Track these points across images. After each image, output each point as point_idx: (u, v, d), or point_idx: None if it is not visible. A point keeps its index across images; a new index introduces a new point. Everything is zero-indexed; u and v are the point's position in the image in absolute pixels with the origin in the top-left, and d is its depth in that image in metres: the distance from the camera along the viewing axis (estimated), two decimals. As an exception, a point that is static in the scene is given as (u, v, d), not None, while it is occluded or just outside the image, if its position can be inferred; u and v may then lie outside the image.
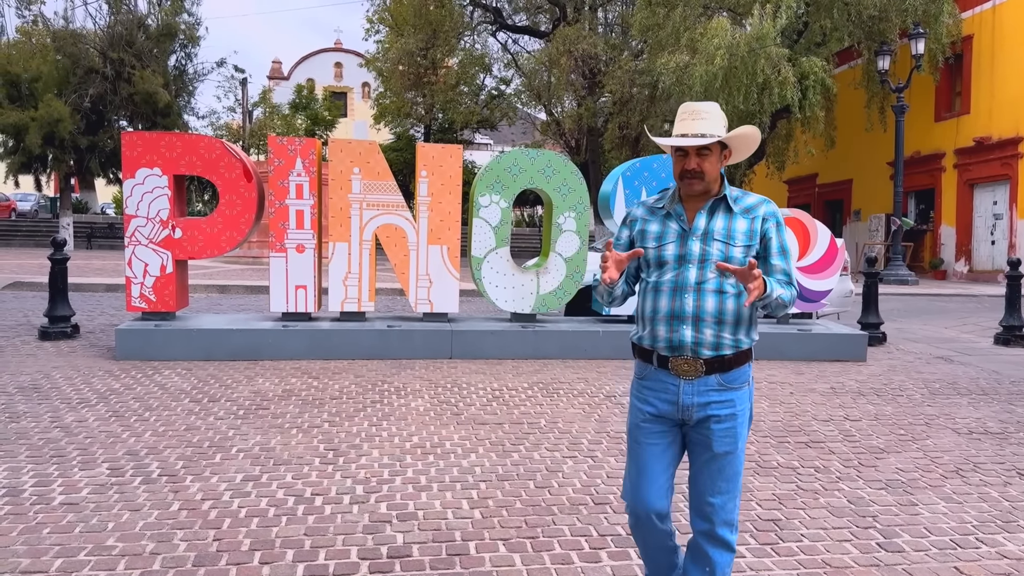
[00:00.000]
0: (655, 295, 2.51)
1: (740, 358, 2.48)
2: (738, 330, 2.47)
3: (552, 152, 8.17)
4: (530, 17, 28.13)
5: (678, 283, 2.46)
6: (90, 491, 3.89)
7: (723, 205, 2.50)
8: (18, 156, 23.68)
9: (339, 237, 7.56)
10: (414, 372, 6.96)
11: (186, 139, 7.45)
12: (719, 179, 2.52)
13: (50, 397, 5.73)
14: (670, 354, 2.47)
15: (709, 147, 2.41)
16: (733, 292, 2.44)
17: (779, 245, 2.50)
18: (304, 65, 53.24)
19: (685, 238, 2.47)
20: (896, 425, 5.60)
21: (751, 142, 2.54)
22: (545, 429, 5.25)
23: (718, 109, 2.47)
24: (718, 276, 2.43)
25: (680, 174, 2.47)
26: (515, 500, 3.92)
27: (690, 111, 2.45)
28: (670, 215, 2.54)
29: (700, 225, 2.47)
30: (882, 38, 19.17)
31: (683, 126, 2.44)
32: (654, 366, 2.52)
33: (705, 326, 2.43)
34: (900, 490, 4.25)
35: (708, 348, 2.43)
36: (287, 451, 4.60)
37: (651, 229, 2.57)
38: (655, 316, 2.49)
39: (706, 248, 2.44)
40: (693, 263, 2.45)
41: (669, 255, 2.49)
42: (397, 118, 31.58)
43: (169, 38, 25.24)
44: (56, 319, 8.12)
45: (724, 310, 2.44)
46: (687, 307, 2.43)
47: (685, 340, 2.43)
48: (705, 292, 2.43)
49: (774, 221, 2.51)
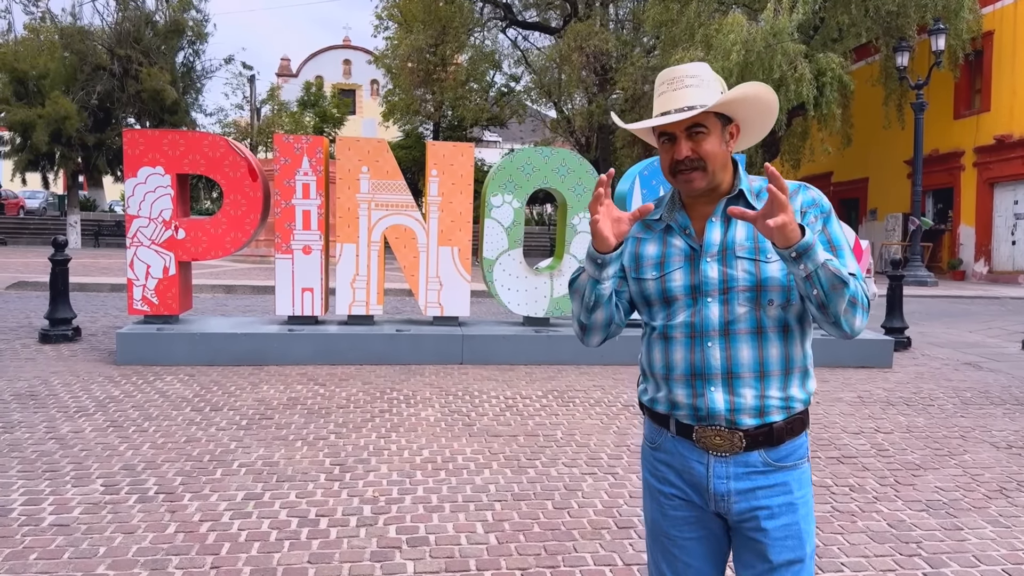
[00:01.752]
0: (666, 346, 1.80)
1: (794, 426, 1.77)
2: (789, 383, 1.75)
3: (566, 150, 7.91)
4: (541, 13, 27.86)
5: (697, 327, 1.75)
6: (82, 510, 3.66)
7: (742, 204, 1.77)
8: (25, 154, 23.60)
9: (347, 238, 7.33)
10: (424, 378, 6.71)
11: (189, 137, 7.23)
12: (730, 167, 1.80)
13: (47, 405, 5.52)
14: (695, 423, 1.77)
15: (704, 123, 1.71)
16: (776, 325, 1.74)
17: (826, 241, 1.74)
18: (313, 62, 53.05)
19: (696, 260, 1.76)
20: (930, 438, 5.32)
21: (764, 108, 1.81)
22: (562, 442, 4.99)
23: (709, 71, 1.77)
24: (751, 309, 1.72)
25: (671, 168, 1.76)
26: (532, 523, 3.67)
27: (670, 78, 1.75)
28: (671, 229, 1.82)
29: (714, 238, 1.75)
30: (900, 34, 18.81)
31: (663, 100, 1.74)
32: (671, 433, 1.82)
33: (743, 384, 1.73)
34: (943, 512, 3.98)
35: (750, 415, 1.72)
36: (291, 466, 4.37)
37: (648, 252, 1.83)
38: (669, 375, 1.79)
39: (728, 271, 1.73)
40: (714, 296, 1.73)
41: (677, 287, 1.77)
42: (406, 115, 31.36)
43: (177, 35, 25.11)
44: (57, 322, 7.92)
45: (768, 358, 1.73)
46: (714, 361, 1.73)
47: (717, 408, 1.73)
48: (737, 337, 1.72)
49: (817, 211, 1.76)
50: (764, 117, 1.84)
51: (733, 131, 1.80)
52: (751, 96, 1.76)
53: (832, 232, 1.77)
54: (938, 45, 18.15)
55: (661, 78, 1.79)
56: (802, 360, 1.79)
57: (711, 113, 1.72)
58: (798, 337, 1.78)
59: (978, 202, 21.34)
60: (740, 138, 1.84)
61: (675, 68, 1.77)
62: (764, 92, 1.77)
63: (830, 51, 18.56)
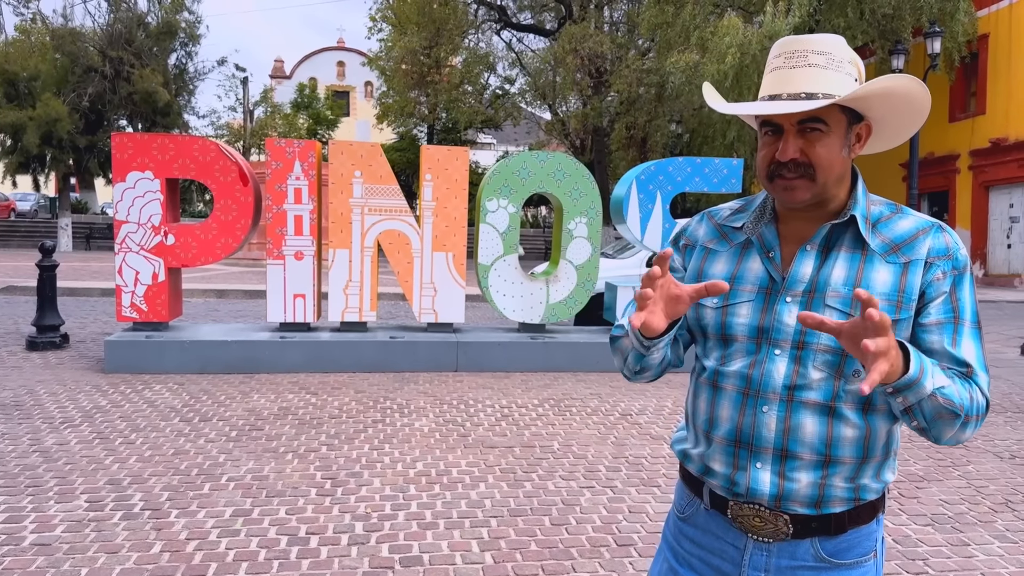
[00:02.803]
0: (713, 396, 1.43)
1: (861, 512, 1.38)
2: (862, 472, 1.36)
3: (562, 154, 7.81)
4: (535, 15, 27.76)
5: (754, 383, 1.37)
6: (65, 528, 3.55)
7: (850, 234, 1.36)
8: (16, 156, 23.39)
9: (340, 243, 7.21)
10: (418, 387, 6.60)
11: (179, 141, 7.10)
12: (847, 179, 1.38)
13: (32, 416, 5.39)
14: (730, 497, 1.41)
15: (824, 119, 1.30)
16: (857, 401, 1.33)
17: (948, 300, 1.33)
18: (307, 64, 52.89)
19: (773, 296, 1.37)
20: (932, 448, 5.23)
21: (912, 109, 1.36)
22: (559, 453, 4.89)
23: (844, 47, 1.34)
24: (828, 376, 1.32)
25: (768, 170, 1.35)
26: (530, 541, 3.56)
27: (790, 51, 1.33)
28: (751, 245, 1.43)
29: (803, 272, 1.36)
30: (896, 37, 18.77)
31: (775, 79, 1.34)
32: (705, 505, 1.46)
33: (799, 467, 1.34)
34: (948, 526, 3.89)
35: (802, 503, 1.35)
36: (281, 480, 4.25)
37: (714, 270, 1.46)
38: (710, 432, 1.43)
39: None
40: (784, 348, 1.34)
41: (741, 325, 1.39)
42: (400, 118, 31.21)
43: (169, 36, 24.92)
44: (44, 328, 7.79)
45: (838, 441, 1.33)
46: (766, 431, 1.35)
47: (760, 489, 1.36)
48: (802, 407, 1.33)
49: (949, 266, 1.33)
50: (908, 120, 1.39)
51: (862, 132, 1.37)
52: (898, 91, 1.31)
53: (960, 299, 1.33)
54: (934, 48, 18.11)
55: (778, 48, 1.35)
56: (884, 447, 1.38)
57: (836, 107, 1.30)
58: (883, 419, 1.36)
59: (973, 205, 21.33)
60: (870, 141, 1.42)
61: (798, 38, 1.34)
62: (915, 88, 1.32)
63: (825, 54, 18.49)
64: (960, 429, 1.26)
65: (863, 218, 1.36)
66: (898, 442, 1.42)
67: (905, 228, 1.36)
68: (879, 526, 1.42)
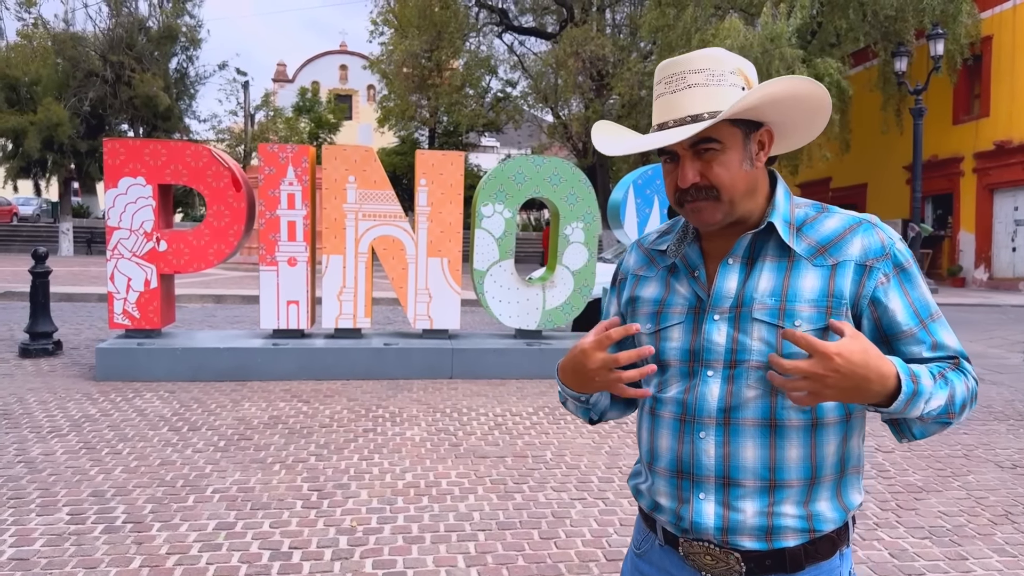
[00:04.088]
0: (652, 425, 1.36)
1: (820, 547, 1.28)
2: (815, 496, 1.26)
3: (559, 159, 7.74)
4: (537, 18, 27.70)
5: (689, 409, 1.29)
6: (44, 542, 3.48)
7: (774, 242, 1.29)
8: (17, 160, 23.41)
9: (333, 249, 7.15)
10: (411, 394, 6.53)
11: (171, 146, 7.05)
12: (762, 188, 1.31)
13: (20, 425, 5.33)
14: (679, 534, 1.32)
15: (715, 137, 1.23)
16: (802, 419, 1.25)
17: (908, 307, 1.26)
18: (309, 68, 52.88)
19: (701, 314, 1.30)
20: (932, 457, 5.14)
21: (809, 107, 1.29)
22: (551, 463, 4.81)
23: (724, 58, 1.26)
24: (763, 394, 1.25)
25: (674, 197, 1.30)
26: (517, 555, 3.49)
27: (669, 74, 1.26)
28: (677, 269, 1.37)
29: (727, 288, 1.29)
30: (899, 39, 18.68)
31: (661, 107, 1.27)
32: (659, 539, 1.38)
33: (743, 495, 1.25)
34: (946, 539, 3.81)
35: (750, 536, 1.25)
36: (267, 492, 4.18)
37: (646, 295, 1.40)
38: (653, 464, 1.36)
39: (740, 337, 1.26)
40: (716, 369, 1.27)
41: (673, 348, 1.32)
42: (401, 121, 31.19)
43: (170, 40, 24.92)
44: (37, 335, 7.73)
45: (783, 463, 1.24)
46: (706, 458, 1.27)
47: (704, 523, 1.27)
48: (740, 429, 1.25)
49: (889, 267, 1.26)
50: (810, 118, 1.32)
51: (764, 140, 1.29)
52: (785, 95, 1.24)
53: (917, 299, 1.26)
54: (937, 50, 18.02)
55: (659, 74, 1.29)
56: (837, 465, 1.27)
57: (727, 122, 1.23)
58: (835, 435, 1.27)
59: (978, 208, 21.20)
60: (779, 142, 1.35)
61: (676, 60, 1.27)
62: (805, 87, 1.25)
63: (828, 56, 18.42)
64: (957, 420, 1.24)
65: (785, 223, 1.29)
66: (859, 459, 1.33)
67: (831, 228, 1.29)
68: (844, 561, 1.32)
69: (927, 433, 1.24)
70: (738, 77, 1.25)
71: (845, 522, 1.30)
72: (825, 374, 1.07)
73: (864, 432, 1.35)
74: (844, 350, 1.06)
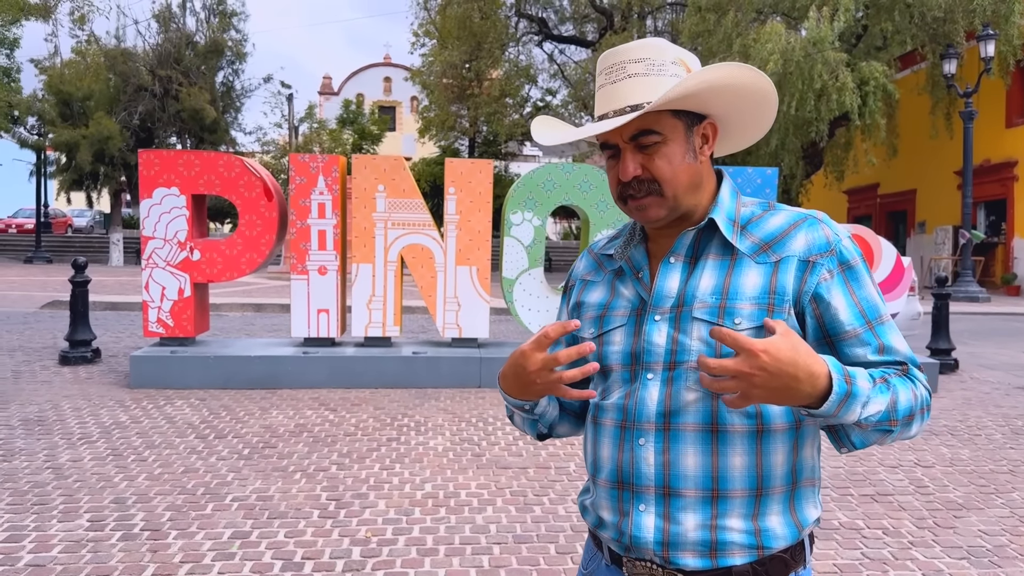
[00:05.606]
0: (595, 433, 1.30)
1: (771, 569, 1.19)
2: (763, 508, 1.18)
3: (589, 166, 7.65)
4: (577, 27, 27.68)
5: (629, 414, 1.23)
6: (62, 549, 3.51)
7: (717, 239, 1.24)
8: (70, 173, 24.15)
9: (363, 258, 7.16)
10: (438, 403, 6.49)
11: (204, 157, 7.15)
12: (708, 185, 1.27)
13: (52, 432, 5.42)
14: (622, 552, 1.25)
15: (655, 128, 1.18)
16: (746, 422, 1.17)
17: (853, 306, 1.19)
18: (354, 80, 53.64)
19: (643, 315, 1.25)
20: (975, 473, 4.92)
21: (750, 96, 1.23)
22: (574, 475, 4.72)
23: (666, 48, 1.21)
24: (704, 396, 1.18)
25: (617, 192, 1.25)
26: (531, 570, 3.40)
27: (609, 65, 1.22)
28: (623, 272, 1.32)
29: (669, 287, 1.23)
30: (947, 40, 18.16)
31: (602, 98, 1.22)
32: (605, 559, 1.32)
33: (684, 506, 1.18)
34: (985, 560, 3.61)
35: (692, 552, 1.18)
36: (285, 501, 4.17)
37: (591, 299, 1.35)
38: (596, 476, 1.30)
39: (680, 337, 1.19)
40: (656, 371, 1.21)
41: (615, 352, 1.26)
42: (441, 131, 31.40)
43: (216, 55, 25.51)
44: (76, 343, 7.89)
45: (726, 471, 1.17)
46: (645, 466, 1.20)
47: (643, 537, 1.20)
48: (680, 435, 1.18)
49: (834, 263, 1.19)
50: (755, 110, 1.27)
51: (707, 133, 1.25)
52: (725, 84, 1.18)
53: (863, 299, 1.19)
54: (987, 51, 17.47)
55: (600, 64, 1.24)
56: (788, 476, 1.19)
57: (667, 112, 1.19)
58: (783, 443, 1.19)
59: (1033, 214, 20.50)
60: (725, 139, 1.32)
61: (616, 50, 1.22)
62: (746, 76, 1.19)
63: (874, 59, 18.01)
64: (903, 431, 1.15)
65: (729, 221, 1.24)
66: (813, 471, 1.25)
67: (776, 224, 1.24)
68: None
69: (867, 442, 1.15)
70: (679, 67, 1.20)
71: (800, 540, 1.22)
72: (752, 372, 0.99)
73: (819, 442, 1.27)
74: (771, 347, 0.99)
